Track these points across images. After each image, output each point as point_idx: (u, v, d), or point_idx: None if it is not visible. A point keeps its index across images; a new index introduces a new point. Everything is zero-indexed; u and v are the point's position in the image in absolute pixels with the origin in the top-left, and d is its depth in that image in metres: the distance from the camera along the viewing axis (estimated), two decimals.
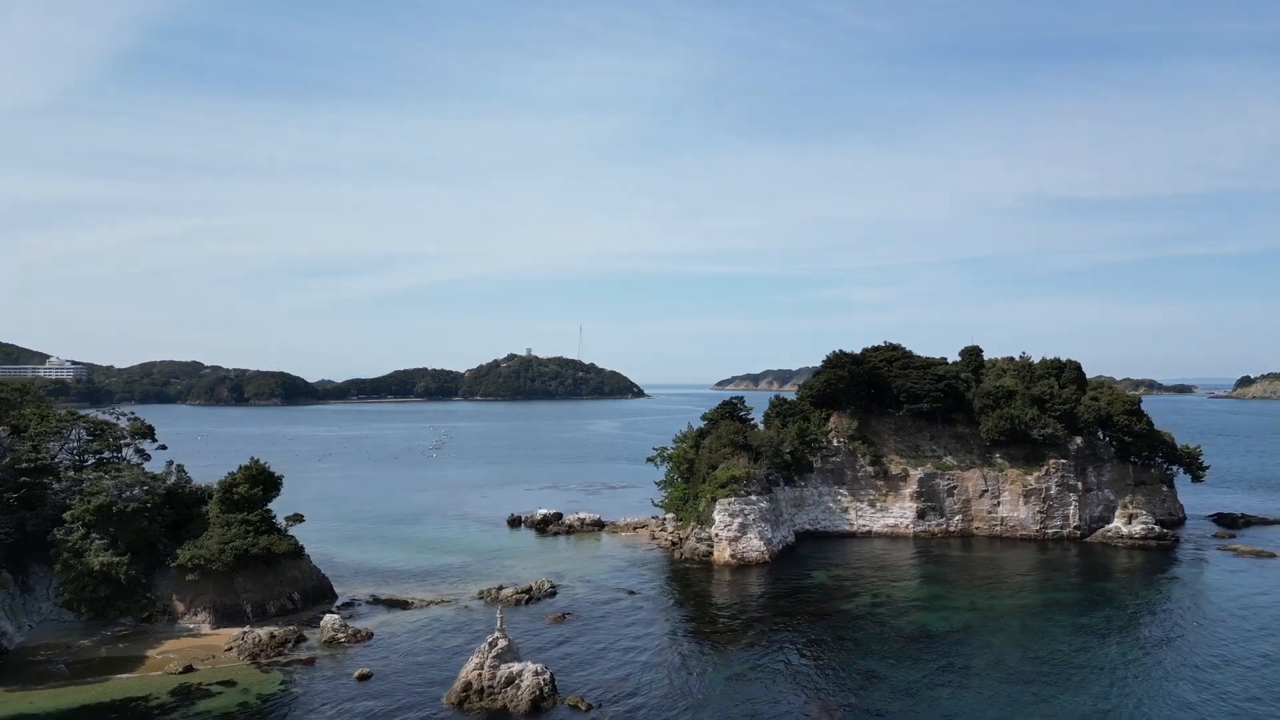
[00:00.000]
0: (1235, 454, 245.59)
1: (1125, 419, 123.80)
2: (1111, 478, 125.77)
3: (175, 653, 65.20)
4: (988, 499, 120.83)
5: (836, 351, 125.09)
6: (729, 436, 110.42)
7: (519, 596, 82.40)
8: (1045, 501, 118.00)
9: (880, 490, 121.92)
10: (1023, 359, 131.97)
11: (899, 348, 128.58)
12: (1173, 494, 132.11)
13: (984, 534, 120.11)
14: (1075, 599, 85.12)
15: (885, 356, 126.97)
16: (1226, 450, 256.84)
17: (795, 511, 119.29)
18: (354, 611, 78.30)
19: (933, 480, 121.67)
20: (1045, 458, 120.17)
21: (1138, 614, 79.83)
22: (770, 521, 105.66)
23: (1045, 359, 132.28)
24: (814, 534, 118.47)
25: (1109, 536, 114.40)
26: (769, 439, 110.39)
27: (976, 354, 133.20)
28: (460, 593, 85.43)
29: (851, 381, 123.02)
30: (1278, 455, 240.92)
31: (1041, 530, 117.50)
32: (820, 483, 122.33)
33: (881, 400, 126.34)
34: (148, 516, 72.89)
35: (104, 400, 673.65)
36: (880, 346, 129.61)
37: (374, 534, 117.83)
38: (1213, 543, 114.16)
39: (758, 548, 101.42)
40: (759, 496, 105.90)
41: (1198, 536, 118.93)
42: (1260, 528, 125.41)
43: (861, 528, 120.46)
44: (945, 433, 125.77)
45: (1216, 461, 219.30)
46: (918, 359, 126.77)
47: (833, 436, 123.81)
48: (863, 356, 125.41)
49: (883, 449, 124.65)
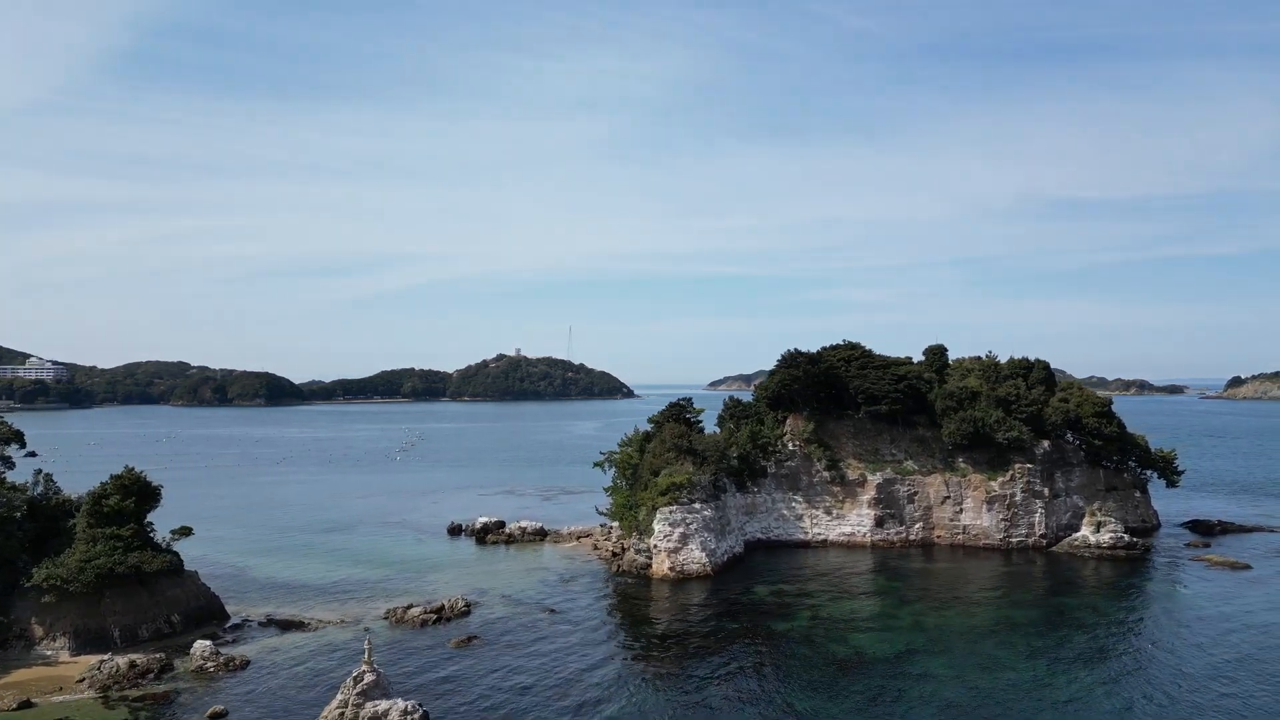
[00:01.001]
0: (1219, 456, 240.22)
1: (1095, 421, 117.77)
2: (1081, 483, 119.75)
3: (17, 685, 58.56)
4: (950, 506, 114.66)
5: (791, 350, 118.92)
6: (673, 440, 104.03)
7: (427, 617, 75.88)
8: (1009, 508, 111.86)
9: (837, 497, 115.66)
10: (989, 358, 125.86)
11: (858, 346, 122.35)
12: (1146, 500, 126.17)
13: (945, 543, 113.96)
14: (1032, 618, 78.92)
15: (843, 355, 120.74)
16: (1210, 452, 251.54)
17: (746, 520, 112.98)
18: (240, 635, 71.71)
19: (892, 486, 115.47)
20: (1010, 462, 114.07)
21: (1098, 637, 73.61)
22: (715, 531, 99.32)
23: (1013, 358, 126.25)
24: (766, 544, 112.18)
25: (1076, 546, 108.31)
26: (714, 443, 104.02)
27: (941, 353, 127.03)
28: (366, 612, 78.89)
29: (807, 382, 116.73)
30: (1261, 457, 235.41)
31: (1005, 539, 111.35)
32: (774, 489, 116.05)
33: (840, 402, 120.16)
34: (5, 531, 66.20)
35: (84, 401, 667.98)
36: (839, 345, 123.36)
37: (301, 545, 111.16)
38: (1185, 553, 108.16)
39: (699, 560, 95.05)
40: (703, 504, 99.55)
41: (1170, 546, 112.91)
42: (1236, 535, 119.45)
43: (816, 537, 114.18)
44: (906, 436, 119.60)
45: (1198, 464, 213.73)
46: (878, 358, 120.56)
47: (788, 440, 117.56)
48: (819, 355, 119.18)
49: (840, 453, 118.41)
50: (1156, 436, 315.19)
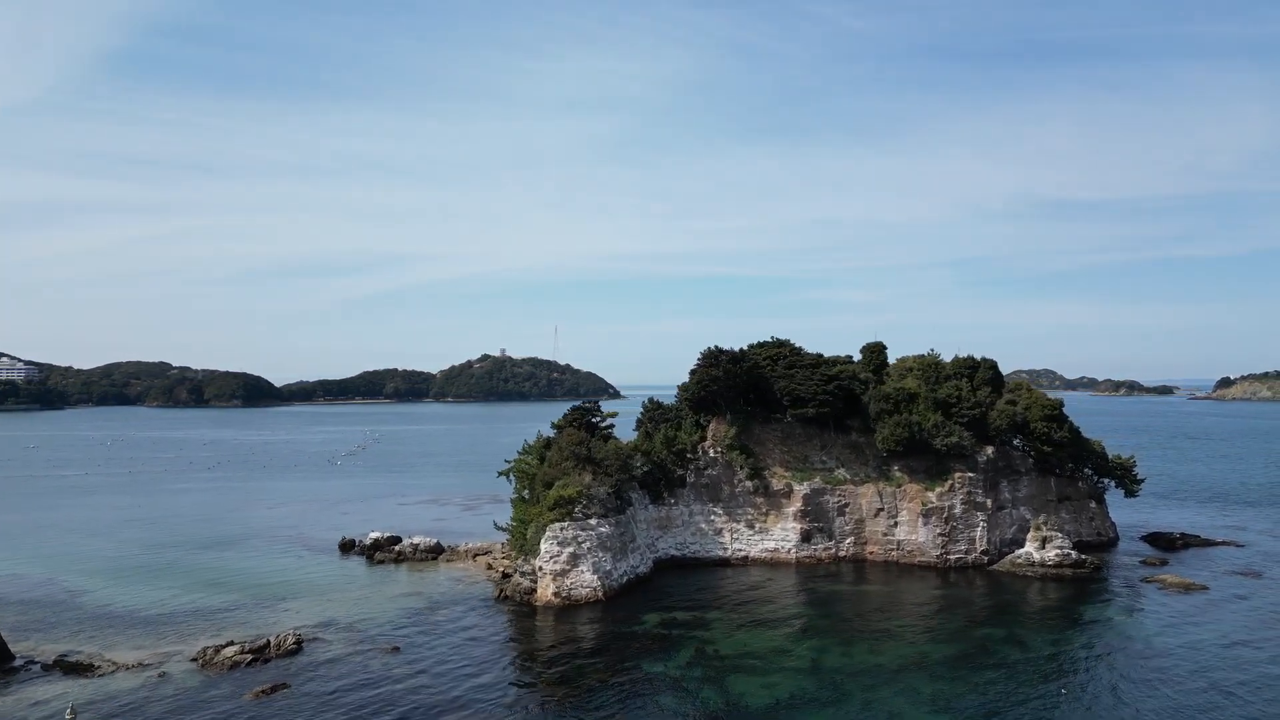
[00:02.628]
0: (1195, 460, 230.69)
1: (1044, 425, 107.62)
2: (1029, 493, 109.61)
3: None
4: (884, 518, 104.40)
5: (712, 347, 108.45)
6: (570, 448, 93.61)
7: (242, 658, 65.28)
8: (947, 522, 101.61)
9: (760, 509, 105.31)
10: (930, 356, 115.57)
11: (786, 343, 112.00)
12: (1102, 511, 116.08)
13: (879, 559, 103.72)
14: (948, 655, 68.62)
15: (770, 354, 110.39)
16: (1187, 456, 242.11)
17: (659, 535, 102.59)
18: (9, 682, 61.08)
19: (821, 497, 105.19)
20: (950, 471, 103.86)
21: (1017, 680, 63.36)
22: (613, 550, 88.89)
23: (958, 357, 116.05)
24: (680, 561, 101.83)
25: (1018, 564, 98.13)
26: (615, 452, 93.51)
27: (879, 351, 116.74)
28: (179, 650, 68.20)
29: (728, 382, 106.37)
30: (1239, 461, 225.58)
31: (943, 556, 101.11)
32: (693, 500, 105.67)
33: (768, 404, 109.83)
34: None
35: (56, 402, 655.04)
36: (766, 342, 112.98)
37: (163, 564, 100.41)
38: (1139, 571, 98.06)
39: (589, 583, 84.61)
40: (600, 520, 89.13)
41: (1123, 563, 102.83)
42: (1199, 550, 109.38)
43: (737, 553, 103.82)
44: (839, 442, 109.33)
45: (1173, 468, 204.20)
46: (808, 356, 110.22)
47: (709, 446, 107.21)
48: (743, 354, 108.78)
49: (766, 460, 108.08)
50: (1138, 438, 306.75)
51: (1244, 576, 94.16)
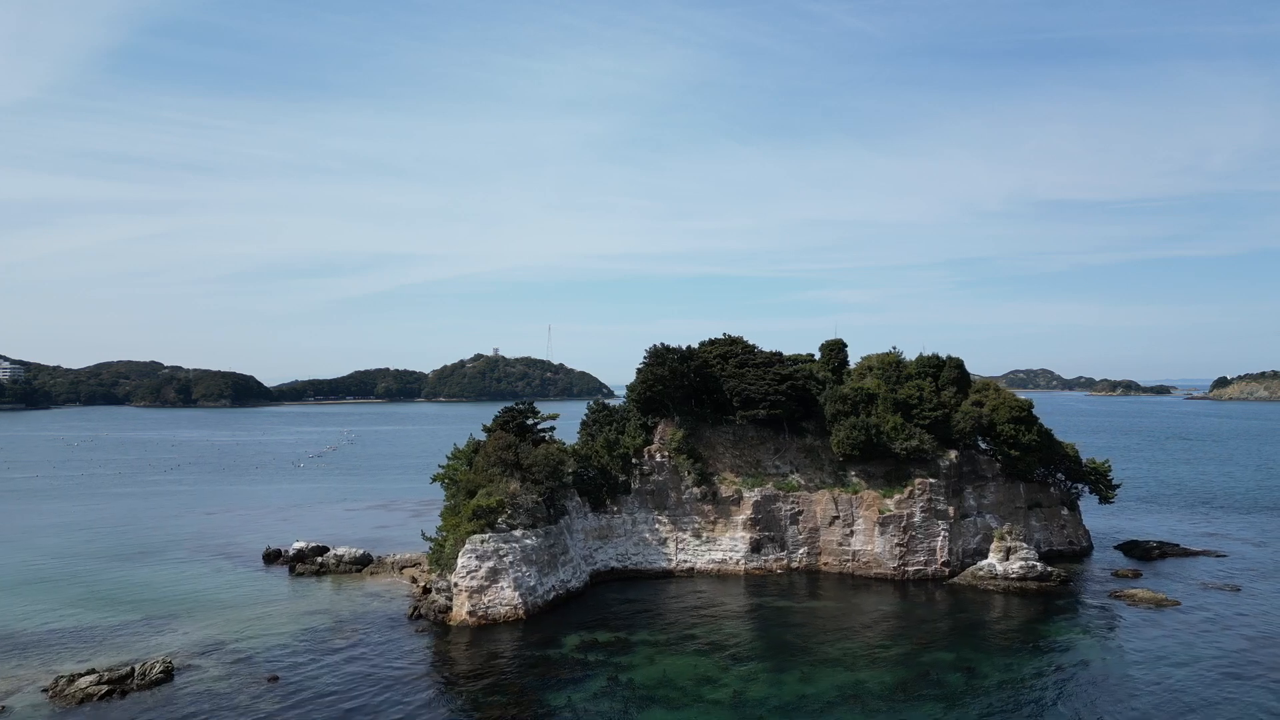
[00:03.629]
0: (1183, 462, 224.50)
1: (1011, 428, 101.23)
2: (996, 500, 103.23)
3: None
4: (839, 527, 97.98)
5: (659, 345, 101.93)
6: (496, 454, 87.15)
7: (99, 688, 58.81)
8: (906, 531, 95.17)
9: (708, 517, 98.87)
10: (891, 354, 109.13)
11: (739, 341, 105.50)
12: (1075, 518, 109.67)
13: (834, 570, 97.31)
14: (889, 684, 62.12)
15: (721, 351, 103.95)
16: (1176, 457, 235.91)
17: (599, 546, 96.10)
18: None
19: (772, 504, 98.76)
20: (911, 477, 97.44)
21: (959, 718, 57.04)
22: (539, 564, 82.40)
23: (922, 355, 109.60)
24: (621, 573, 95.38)
25: (980, 576, 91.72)
26: (544, 456, 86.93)
27: (839, 349, 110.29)
28: (36, 678, 61.77)
29: (675, 382, 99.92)
30: (1228, 464, 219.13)
31: (900, 567, 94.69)
32: (637, 508, 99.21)
33: (719, 406, 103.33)
34: None
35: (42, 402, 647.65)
36: (718, 339, 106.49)
37: (65, 576, 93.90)
38: (1109, 584, 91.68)
39: (510, 601, 78.14)
40: (527, 531, 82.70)
41: (1094, 574, 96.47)
42: (1176, 560, 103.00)
43: (682, 565, 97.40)
44: (794, 445, 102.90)
45: (1159, 471, 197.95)
46: (760, 354, 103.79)
47: (656, 450, 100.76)
48: (691, 352, 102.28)
49: (716, 465, 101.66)
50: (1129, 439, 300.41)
51: (1221, 591, 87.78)
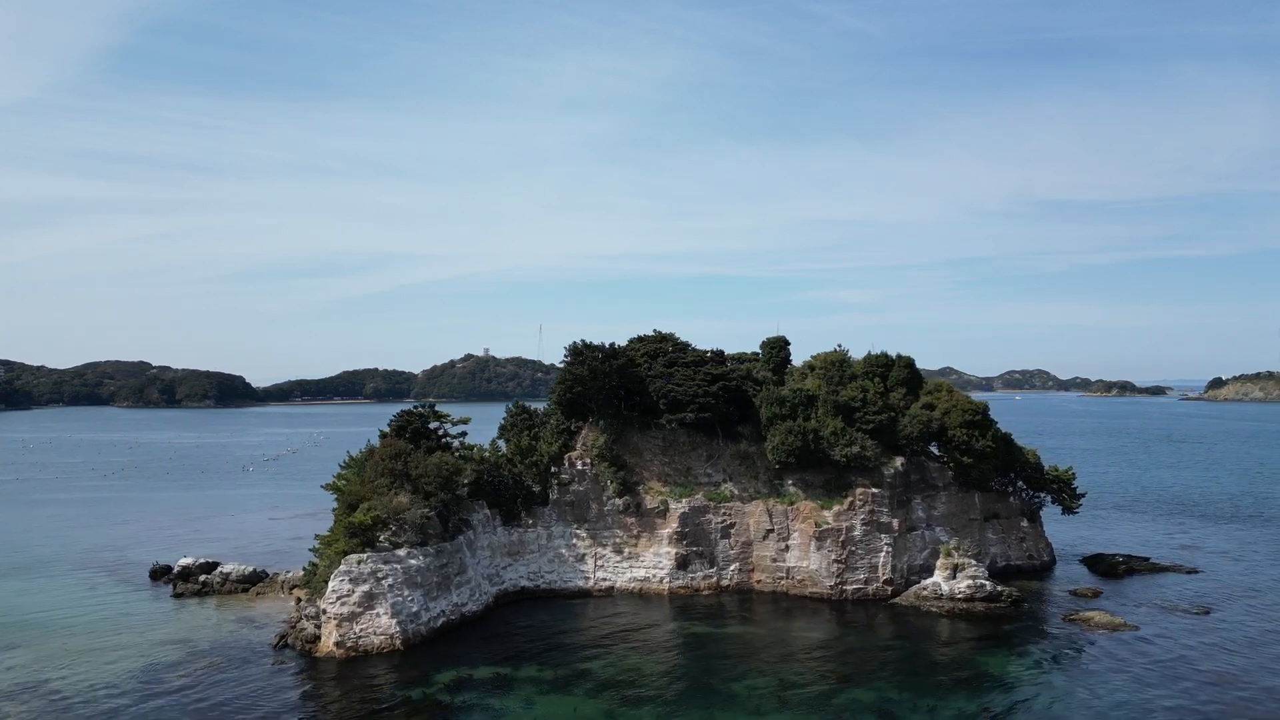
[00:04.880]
0: (1167, 466, 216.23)
1: (963, 433, 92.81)
2: (947, 511, 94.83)
3: None
4: (773, 542, 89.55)
5: (578, 342, 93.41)
6: (385, 463, 78.66)
7: None
8: (845, 546, 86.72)
9: (630, 531, 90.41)
10: (836, 353, 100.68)
11: (670, 338, 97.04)
12: (1036, 530, 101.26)
13: (767, 589, 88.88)
14: None
15: (649, 349, 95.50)
16: (1160, 461, 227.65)
17: (509, 563, 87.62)
18: None
19: (701, 516, 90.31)
20: (853, 486, 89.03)
21: None
22: (427, 586, 73.85)
23: (870, 354, 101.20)
24: (533, 594, 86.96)
25: (924, 596, 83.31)
26: (435, 466, 78.33)
27: (781, 346, 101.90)
28: None
29: (597, 383, 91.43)
30: (1213, 468, 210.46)
31: (838, 586, 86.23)
32: (555, 521, 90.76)
33: (648, 409, 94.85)
34: None
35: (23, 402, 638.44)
36: (647, 336, 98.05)
37: None
38: (1064, 605, 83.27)
39: (385, 629, 69.60)
40: (413, 549, 74.20)
41: (1050, 593, 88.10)
42: (1144, 576, 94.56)
43: (601, 583, 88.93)
44: (728, 452, 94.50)
45: (1140, 475, 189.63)
46: (692, 353, 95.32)
47: (577, 457, 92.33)
48: (614, 349, 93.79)
49: (643, 473, 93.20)
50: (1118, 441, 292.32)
51: (1186, 614, 79.34)
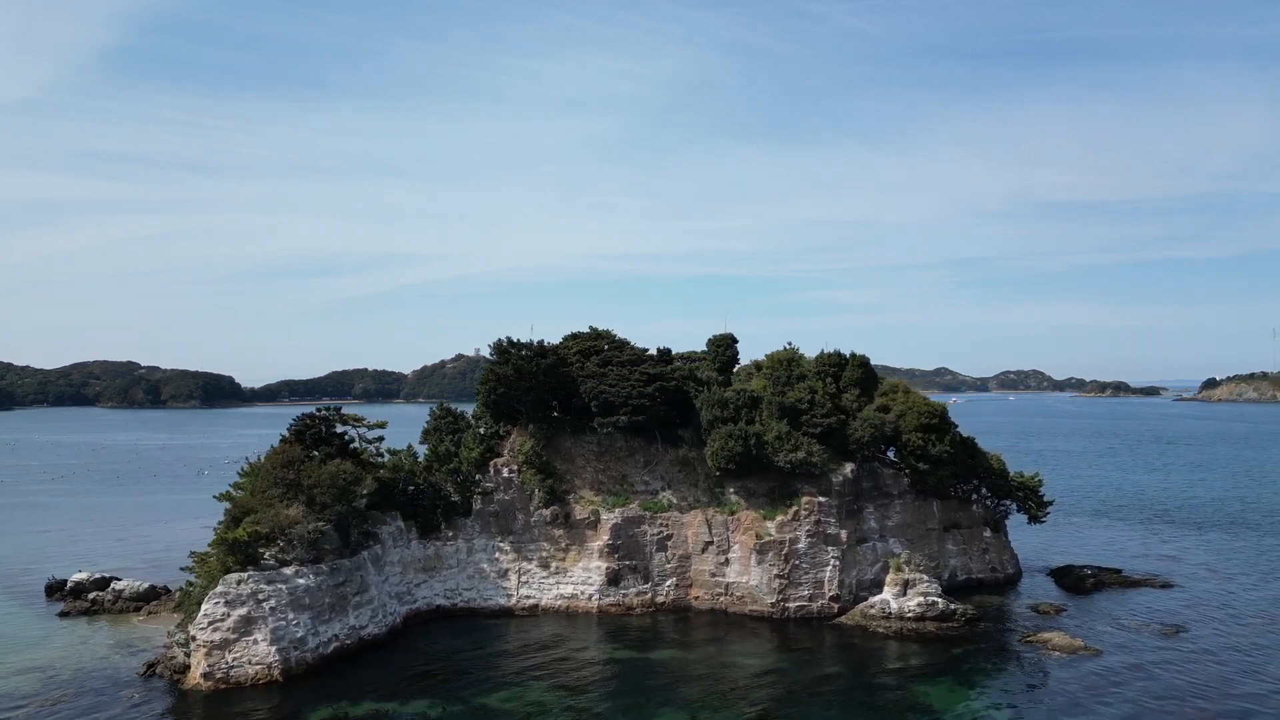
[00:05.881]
0: (1153, 469, 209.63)
1: (918, 438, 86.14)
2: (903, 521, 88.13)
3: None
4: (713, 554, 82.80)
5: (503, 339, 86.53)
6: (275, 471, 71.78)
7: None
8: (788, 560, 79.98)
9: (559, 543, 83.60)
10: (785, 351, 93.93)
11: (605, 335, 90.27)
12: (1000, 541, 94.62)
13: (705, 606, 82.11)
14: None
15: (583, 347, 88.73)
16: (1146, 463, 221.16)
17: (423, 580, 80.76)
18: None
19: (635, 528, 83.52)
20: (799, 494, 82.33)
21: None
22: (317, 608, 66.91)
23: (823, 352, 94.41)
24: (450, 613, 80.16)
25: (871, 615, 76.60)
26: (331, 475, 71.40)
27: (728, 345, 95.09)
28: None
29: (523, 384, 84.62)
30: (1199, 471, 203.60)
31: (780, 603, 79.47)
32: (477, 533, 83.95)
33: (582, 412, 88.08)
34: None
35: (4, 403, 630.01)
36: (582, 333, 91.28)
37: None
38: (1024, 622, 76.62)
39: (263, 658, 62.69)
40: (303, 567, 67.33)
41: (1010, 610, 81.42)
42: (1113, 591, 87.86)
43: (524, 601, 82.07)
44: (668, 458, 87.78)
45: (1122, 478, 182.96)
46: (629, 351, 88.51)
47: (504, 464, 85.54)
48: (543, 347, 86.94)
49: (575, 481, 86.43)
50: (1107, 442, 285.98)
51: (1154, 635, 72.65)
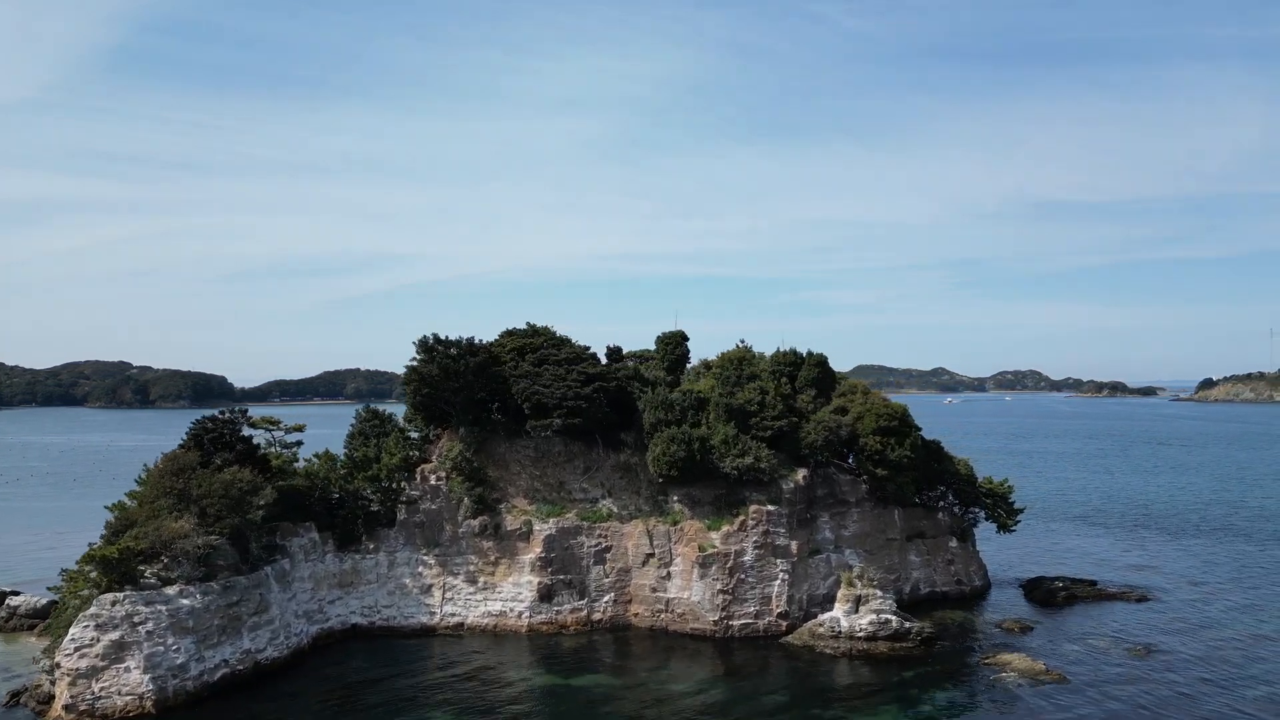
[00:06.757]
0: (1141, 471, 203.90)
1: (876, 441, 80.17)
2: (860, 531, 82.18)
3: None
4: (654, 568, 76.78)
5: (428, 336, 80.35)
6: (165, 480, 65.73)
7: None
8: (732, 574, 73.99)
9: (488, 557, 77.53)
10: (737, 350, 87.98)
11: (543, 332, 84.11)
12: (967, 551, 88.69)
13: (645, 623, 76.06)
14: None
15: (518, 345, 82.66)
16: (1135, 465, 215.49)
17: (339, 596, 74.68)
18: None
19: (571, 539, 77.50)
20: (747, 503, 76.37)
21: None
22: (203, 631, 60.78)
23: (780, 351, 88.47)
24: (367, 632, 74.08)
25: (820, 634, 70.58)
26: (223, 485, 65.36)
27: (678, 343, 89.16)
28: None
29: (450, 384, 78.60)
30: (1188, 473, 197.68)
31: (724, 620, 73.45)
32: (401, 545, 77.87)
33: (518, 414, 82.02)
34: None
35: None
36: (517, 330, 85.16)
37: None
38: (986, 643, 70.59)
39: (135, 687, 56.57)
40: (189, 586, 61.22)
41: (974, 628, 75.49)
42: (1086, 605, 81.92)
43: (449, 619, 75.92)
44: (609, 463, 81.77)
45: (1107, 482, 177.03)
46: (568, 349, 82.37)
47: (431, 471, 79.54)
48: (472, 345, 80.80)
49: (509, 490, 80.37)
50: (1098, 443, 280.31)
51: (1122, 656, 66.63)
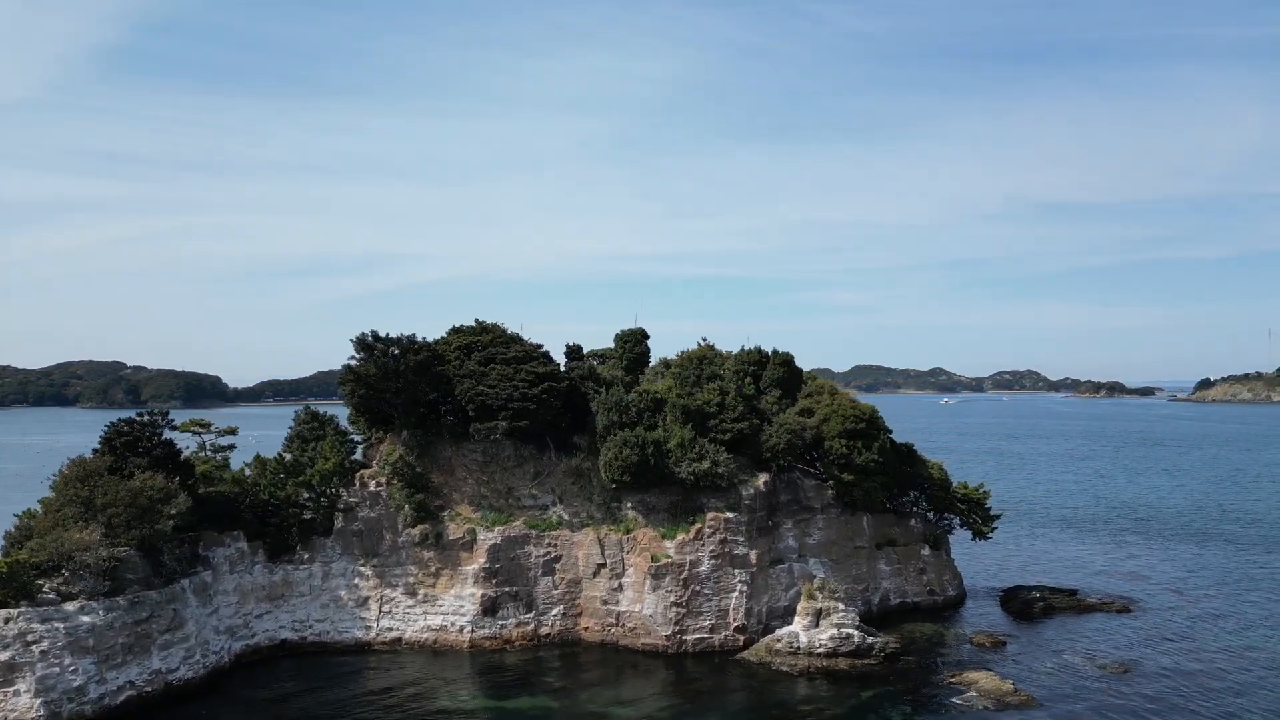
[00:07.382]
0: (1134, 473, 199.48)
1: (843, 444, 75.79)
2: (826, 539, 77.78)
3: None
4: (605, 579, 72.36)
5: (366, 334, 75.86)
6: (71, 488, 61.31)
7: None
8: (687, 585, 69.60)
9: (428, 567, 73.08)
10: (699, 349, 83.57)
11: (492, 329, 79.57)
12: (940, 559, 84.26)
13: (596, 638, 71.67)
14: None
15: (464, 343, 78.20)
16: (1128, 467, 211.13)
17: (268, 610, 70.15)
18: None
19: (518, 548, 73.08)
20: (704, 510, 71.99)
21: None
22: (105, 651, 56.25)
23: (744, 349, 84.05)
24: (297, 648, 69.62)
25: (777, 650, 66.21)
26: (130, 494, 60.91)
27: (637, 340, 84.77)
28: None
29: (389, 384, 74.20)
30: (1181, 475, 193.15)
31: (678, 635, 69.05)
32: (337, 555, 73.39)
33: (464, 416, 77.59)
34: None
35: None
36: (465, 327, 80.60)
37: None
38: (955, 659, 66.18)
39: (26, 712, 51.89)
40: (91, 601, 56.78)
41: (944, 642, 71.06)
42: (1065, 617, 77.49)
43: (386, 633, 71.48)
44: (560, 468, 77.32)
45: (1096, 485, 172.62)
46: (517, 347, 77.88)
47: (371, 476, 75.13)
48: (415, 343, 76.35)
49: (454, 496, 75.97)
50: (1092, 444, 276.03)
51: (1097, 675, 62.24)
